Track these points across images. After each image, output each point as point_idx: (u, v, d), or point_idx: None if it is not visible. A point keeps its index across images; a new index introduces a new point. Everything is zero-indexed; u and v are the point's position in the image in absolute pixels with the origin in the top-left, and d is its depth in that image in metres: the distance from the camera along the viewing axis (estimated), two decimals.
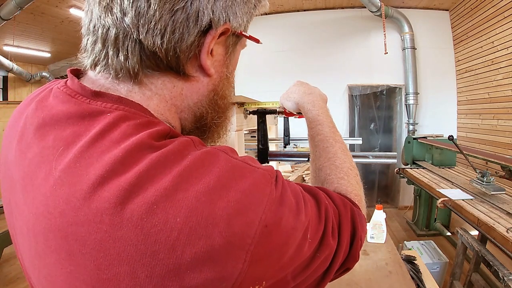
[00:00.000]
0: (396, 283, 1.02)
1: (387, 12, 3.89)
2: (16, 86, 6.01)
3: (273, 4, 4.28)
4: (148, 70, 0.33)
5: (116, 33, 0.31)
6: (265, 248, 0.27)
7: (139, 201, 0.25)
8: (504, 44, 3.11)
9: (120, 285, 0.25)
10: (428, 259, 2.22)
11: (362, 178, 0.52)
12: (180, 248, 0.24)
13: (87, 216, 0.26)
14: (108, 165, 0.27)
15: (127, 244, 0.25)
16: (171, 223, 0.25)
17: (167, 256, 0.24)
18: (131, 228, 0.25)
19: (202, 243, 0.24)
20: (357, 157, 0.90)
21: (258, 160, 0.89)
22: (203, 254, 0.24)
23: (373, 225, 1.34)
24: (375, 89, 4.33)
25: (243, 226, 0.26)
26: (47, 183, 0.29)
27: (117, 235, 0.25)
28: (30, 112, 0.35)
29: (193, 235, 0.25)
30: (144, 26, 0.30)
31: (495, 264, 1.47)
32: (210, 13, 0.32)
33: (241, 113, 0.83)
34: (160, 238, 0.24)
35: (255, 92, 4.46)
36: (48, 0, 3.70)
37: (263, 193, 0.28)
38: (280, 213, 0.28)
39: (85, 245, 0.26)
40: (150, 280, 0.25)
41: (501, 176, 2.14)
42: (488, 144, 3.48)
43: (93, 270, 0.26)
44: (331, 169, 0.49)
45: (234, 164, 0.29)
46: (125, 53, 0.31)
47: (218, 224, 0.25)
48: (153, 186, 0.26)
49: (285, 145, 1.11)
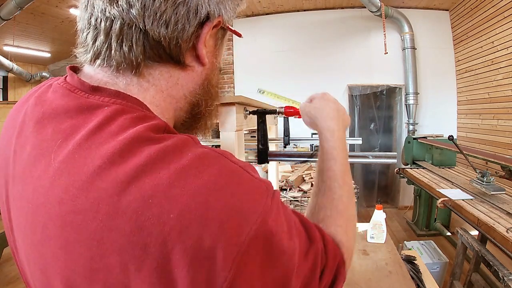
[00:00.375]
0: (396, 283, 1.02)
1: (387, 12, 3.89)
2: (16, 86, 6.01)
3: (273, 4, 4.28)
4: (149, 61, 0.34)
5: (122, 24, 0.32)
6: (251, 260, 0.26)
7: (135, 193, 0.25)
8: (504, 44, 3.11)
9: (110, 276, 0.26)
10: (428, 259, 2.22)
11: (362, 178, 0.51)
12: (171, 244, 0.24)
13: (84, 205, 0.26)
14: (106, 156, 0.27)
15: (121, 234, 0.25)
16: (165, 218, 0.25)
17: (157, 251, 0.25)
18: (126, 219, 0.25)
19: (191, 243, 0.25)
20: (357, 157, 0.90)
21: (258, 160, 0.90)
22: (191, 254, 0.24)
23: (373, 225, 1.34)
24: (375, 89, 4.33)
25: (234, 232, 0.26)
26: (46, 174, 0.29)
27: (112, 224, 0.25)
28: (30, 107, 0.36)
29: (184, 233, 0.25)
30: (149, 17, 0.32)
31: (495, 264, 1.47)
32: (207, 6, 0.35)
33: (241, 113, 0.83)
34: (153, 231, 0.25)
35: (255, 92, 4.47)
36: (48, 0, 3.70)
37: (259, 203, 0.28)
38: (273, 228, 0.28)
39: (81, 234, 0.26)
40: (138, 273, 0.25)
41: (501, 176, 2.15)
42: (488, 144, 3.48)
43: (87, 260, 0.26)
44: (332, 212, 0.45)
45: (233, 169, 0.29)
46: (130, 44, 0.33)
47: (210, 226, 0.25)
48: (150, 179, 0.26)
49: (285, 145, 1.11)
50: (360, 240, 1.37)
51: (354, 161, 0.98)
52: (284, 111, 0.87)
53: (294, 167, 3.63)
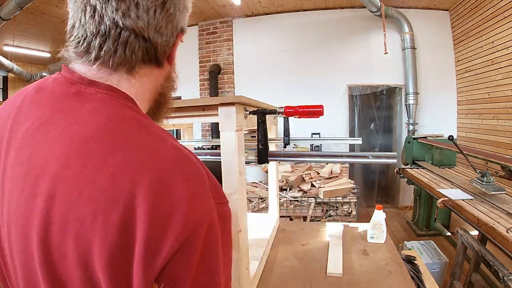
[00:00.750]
0: (396, 283, 1.02)
1: (387, 12, 3.89)
2: (16, 86, 6.00)
3: (273, 4, 4.28)
4: (141, 62, 0.43)
5: (129, 33, 0.40)
6: (198, 236, 0.32)
7: (120, 156, 0.32)
8: (504, 44, 3.11)
9: (82, 227, 0.30)
10: (428, 259, 2.22)
11: (362, 178, 0.52)
12: (135, 204, 0.30)
13: (76, 162, 0.32)
14: (100, 125, 0.35)
15: (99, 186, 0.31)
16: (137, 180, 0.31)
17: (124, 206, 0.30)
18: (107, 174, 0.31)
19: (151, 210, 0.30)
20: (357, 157, 0.90)
21: (258, 160, 0.90)
22: (152, 215, 0.30)
23: (373, 225, 1.34)
24: (375, 89, 4.33)
25: (191, 208, 0.32)
26: (45, 141, 0.35)
27: (94, 177, 0.31)
28: (29, 93, 0.42)
29: (150, 196, 0.30)
30: (152, 29, 0.41)
31: (495, 264, 1.47)
32: (182, 22, 0.46)
33: (241, 113, 0.83)
34: (125, 189, 0.30)
35: (255, 92, 4.46)
36: (48, 0, 3.70)
37: (208, 196, 0.34)
38: (216, 218, 0.34)
39: (66, 185, 0.32)
40: (104, 226, 0.30)
41: (501, 176, 2.15)
42: (488, 144, 3.48)
43: (65, 211, 0.31)
44: None
45: (199, 169, 0.36)
46: (132, 49, 0.40)
47: (177, 205, 0.31)
48: (132, 146, 0.33)
49: (285, 145, 1.11)
50: (360, 240, 1.37)
51: (354, 161, 0.98)
52: (284, 111, 0.87)
53: (294, 167, 3.63)
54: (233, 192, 0.81)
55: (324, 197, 3.07)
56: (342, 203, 3.12)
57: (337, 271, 1.10)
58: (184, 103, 0.87)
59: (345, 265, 1.14)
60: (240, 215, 0.83)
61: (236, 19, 4.69)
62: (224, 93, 4.72)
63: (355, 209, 3.12)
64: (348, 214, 3.10)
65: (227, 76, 4.73)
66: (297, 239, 1.40)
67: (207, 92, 4.77)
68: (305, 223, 2.87)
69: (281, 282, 1.06)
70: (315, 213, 3.12)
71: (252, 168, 3.95)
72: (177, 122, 0.97)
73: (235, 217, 0.82)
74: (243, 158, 0.84)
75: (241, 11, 4.50)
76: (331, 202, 3.12)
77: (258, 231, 1.35)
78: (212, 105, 0.81)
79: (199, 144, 2.93)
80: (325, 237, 1.42)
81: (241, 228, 0.84)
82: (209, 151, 1.05)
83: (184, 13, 0.46)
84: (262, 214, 1.74)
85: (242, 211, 0.85)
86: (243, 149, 0.85)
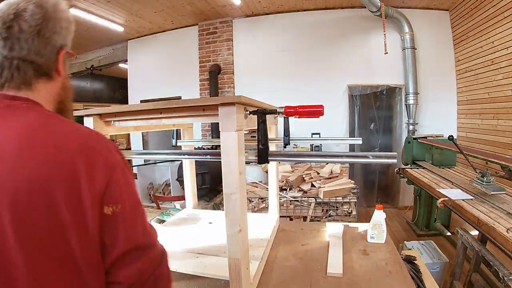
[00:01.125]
0: (396, 283, 1.02)
1: (387, 12, 3.89)
2: None
3: (273, 4, 4.28)
4: (35, 78, 0.57)
5: (18, 61, 0.55)
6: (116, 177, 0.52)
7: (54, 134, 0.50)
8: (504, 44, 3.11)
9: (40, 188, 0.45)
10: (428, 259, 2.22)
11: (362, 178, 0.52)
12: (76, 161, 0.48)
13: (36, 141, 0.48)
14: (34, 120, 0.52)
15: (50, 153, 0.47)
16: (72, 146, 0.50)
17: (67, 164, 0.48)
18: (53, 145, 0.48)
19: (86, 160, 0.50)
20: (357, 157, 0.90)
21: (258, 160, 0.90)
22: (86, 165, 0.49)
23: (373, 225, 1.34)
24: (375, 89, 4.33)
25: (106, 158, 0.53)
26: None
27: (46, 145, 0.48)
28: None
29: (83, 155, 0.49)
30: (34, 54, 0.56)
31: (495, 264, 1.47)
32: (61, 40, 0.60)
33: (241, 113, 0.83)
34: (68, 151, 0.49)
35: (255, 92, 4.46)
36: None
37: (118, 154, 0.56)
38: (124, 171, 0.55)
39: (32, 159, 0.46)
40: (59, 173, 0.47)
41: (501, 176, 2.15)
42: (488, 144, 3.48)
43: (30, 179, 0.45)
44: None
45: (105, 137, 0.57)
46: (24, 71, 0.56)
47: (99, 156, 0.52)
48: (61, 128, 0.52)
49: (285, 145, 1.11)
50: (360, 240, 1.37)
51: (354, 161, 0.98)
52: (284, 111, 0.87)
53: (294, 167, 3.63)
54: (233, 192, 0.81)
55: (324, 197, 3.07)
56: (342, 203, 3.12)
57: (337, 271, 1.10)
58: (184, 103, 0.87)
59: (345, 265, 1.14)
60: (240, 215, 0.83)
61: (236, 19, 4.69)
62: (224, 93, 4.72)
63: (355, 209, 3.11)
64: (348, 214, 3.09)
65: (227, 76, 4.73)
66: (297, 239, 1.40)
67: (207, 92, 4.77)
68: (305, 223, 2.87)
69: (281, 282, 1.06)
70: (315, 213, 3.12)
71: (252, 168, 3.95)
72: (177, 122, 0.97)
73: (236, 217, 0.82)
74: (243, 158, 0.84)
75: (241, 11, 4.50)
76: (331, 202, 3.12)
77: (258, 231, 1.35)
78: (212, 105, 0.81)
79: (199, 144, 2.92)
80: (325, 237, 1.42)
81: (241, 228, 0.84)
82: (209, 151, 1.05)
83: (62, 33, 0.59)
84: (262, 214, 1.74)
85: (242, 211, 0.85)
86: (243, 149, 0.85)
